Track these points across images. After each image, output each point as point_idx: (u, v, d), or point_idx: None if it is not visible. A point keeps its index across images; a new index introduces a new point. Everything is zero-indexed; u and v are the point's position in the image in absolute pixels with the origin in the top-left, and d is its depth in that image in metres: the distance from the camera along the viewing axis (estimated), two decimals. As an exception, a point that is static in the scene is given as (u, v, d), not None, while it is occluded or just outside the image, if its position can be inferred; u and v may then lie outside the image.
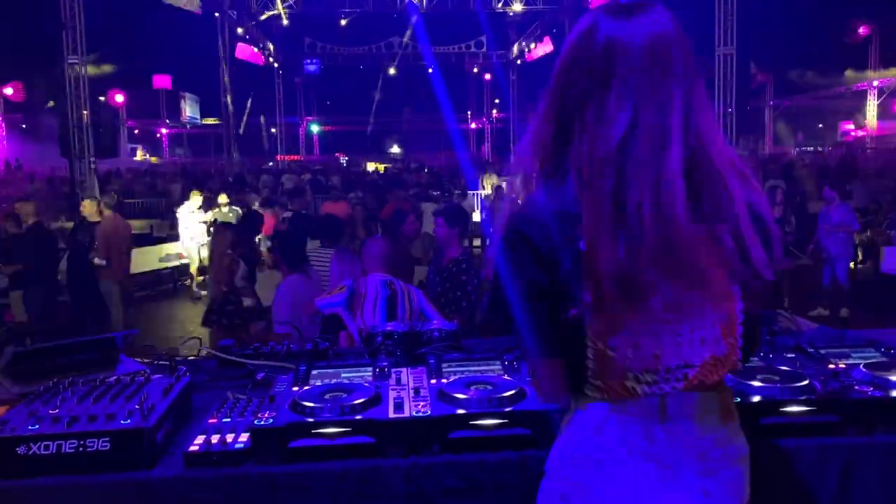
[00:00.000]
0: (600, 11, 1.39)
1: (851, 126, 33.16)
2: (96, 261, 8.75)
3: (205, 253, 12.70)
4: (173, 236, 14.54)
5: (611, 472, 1.42)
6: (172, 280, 13.49)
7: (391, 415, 1.83)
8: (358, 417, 1.82)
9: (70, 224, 10.98)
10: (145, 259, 12.32)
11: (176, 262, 13.26)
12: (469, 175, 19.63)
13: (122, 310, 8.62)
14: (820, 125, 37.57)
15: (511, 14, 26.40)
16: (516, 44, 30.45)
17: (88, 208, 9.85)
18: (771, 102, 34.93)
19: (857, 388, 1.92)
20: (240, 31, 25.66)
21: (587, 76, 1.36)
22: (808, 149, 34.89)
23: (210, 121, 36.00)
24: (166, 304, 12.20)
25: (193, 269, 12.52)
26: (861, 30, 27.03)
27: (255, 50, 28.53)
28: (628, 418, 1.42)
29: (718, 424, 1.45)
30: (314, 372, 2.22)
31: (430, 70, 28.59)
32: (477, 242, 12.93)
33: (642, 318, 1.36)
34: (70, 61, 13.78)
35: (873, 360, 2.14)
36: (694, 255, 1.32)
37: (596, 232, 1.30)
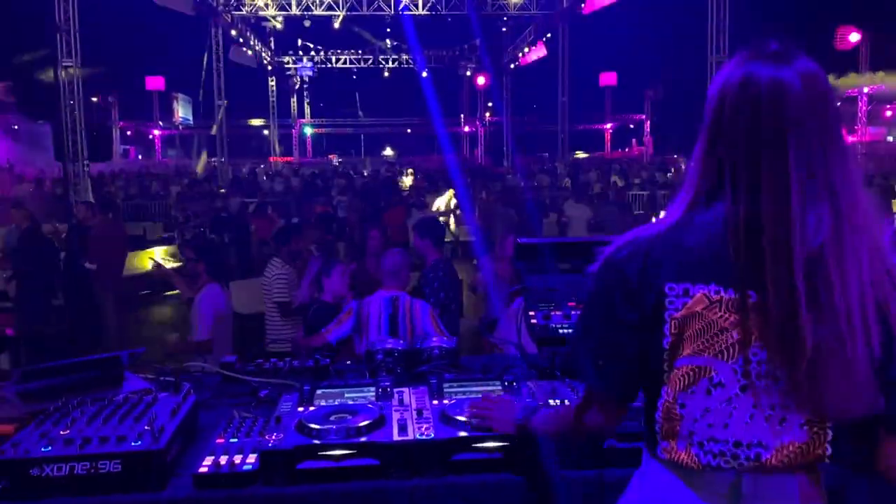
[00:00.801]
0: (746, 58, 1.31)
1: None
2: (87, 265, 8.75)
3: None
4: (167, 239, 14.58)
5: None
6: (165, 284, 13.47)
7: (395, 437, 1.88)
8: (363, 440, 1.87)
9: (61, 227, 10.91)
10: (140, 262, 12.32)
11: (170, 265, 13.25)
12: (458, 180, 19.72)
13: (115, 314, 8.62)
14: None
15: (505, 18, 26.53)
16: (510, 48, 30.56)
17: (84, 212, 9.86)
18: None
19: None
20: (233, 32, 25.66)
21: (752, 127, 1.27)
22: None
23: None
24: (160, 307, 12.20)
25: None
26: (851, 36, 27.24)
27: (249, 52, 28.53)
28: (694, 492, 1.33)
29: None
30: (318, 391, 2.26)
31: (424, 74, 28.64)
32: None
33: (723, 378, 1.29)
34: (64, 64, 13.75)
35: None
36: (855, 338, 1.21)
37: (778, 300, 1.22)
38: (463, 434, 1.90)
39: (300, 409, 2.10)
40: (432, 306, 4.61)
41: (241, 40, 27.11)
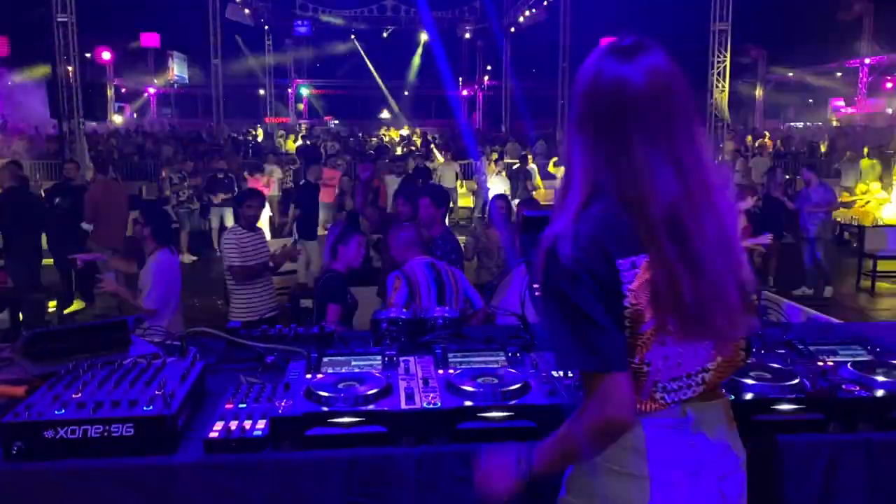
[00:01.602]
0: (603, 53, 1.49)
1: (842, 103, 33.26)
2: (84, 225, 8.70)
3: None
4: (163, 199, 14.50)
5: (649, 485, 1.47)
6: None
7: (403, 406, 1.92)
8: (371, 408, 1.91)
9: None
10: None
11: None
12: (470, 143, 19.63)
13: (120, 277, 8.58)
14: (811, 101, 37.62)
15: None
16: (510, 11, 30.14)
17: (73, 171, 9.72)
18: (763, 78, 34.94)
19: (844, 387, 2.03)
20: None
21: (606, 116, 1.45)
22: (798, 125, 34.99)
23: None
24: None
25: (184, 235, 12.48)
26: (855, 7, 26.97)
27: (246, 10, 28.08)
28: (657, 430, 1.48)
29: (728, 431, 1.55)
30: (325, 359, 2.30)
31: (426, 36, 28.26)
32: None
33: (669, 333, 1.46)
34: (59, 19, 13.54)
35: (860, 359, 2.25)
36: (725, 279, 1.46)
37: (658, 261, 1.41)
38: (469, 403, 1.94)
39: (308, 376, 2.14)
40: None
41: (237, -2, 26.66)
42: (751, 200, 7.76)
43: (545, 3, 25.74)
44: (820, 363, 2.23)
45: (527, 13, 27.59)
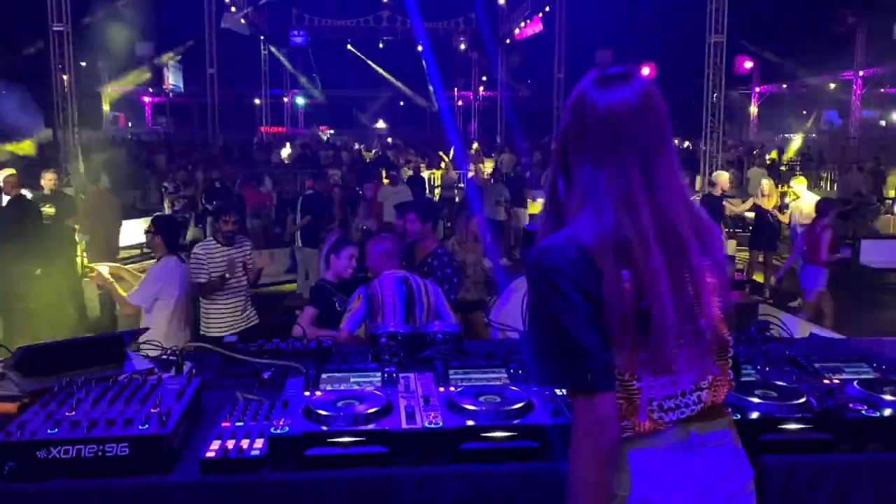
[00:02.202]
0: (589, 81, 1.56)
1: (835, 114, 33.41)
2: (78, 237, 8.64)
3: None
4: (157, 208, 14.43)
5: None
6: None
7: (404, 425, 1.88)
8: (371, 427, 1.87)
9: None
10: (131, 231, 12.24)
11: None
12: (458, 154, 19.62)
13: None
14: (804, 112, 37.82)
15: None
16: (506, 22, 30.26)
17: (50, 181, 9.60)
18: (756, 89, 35.09)
19: (851, 405, 2.00)
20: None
21: (582, 138, 1.53)
22: (792, 136, 35.12)
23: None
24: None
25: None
26: (849, 19, 27.12)
27: (242, 20, 28.10)
28: (661, 452, 1.47)
29: (734, 450, 1.54)
30: (324, 376, 2.26)
31: (420, 47, 28.34)
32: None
33: (664, 347, 1.44)
34: (55, 28, 13.51)
35: (866, 377, 2.22)
36: (705, 290, 1.48)
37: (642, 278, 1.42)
38: (471, 423, 1.90)
39: (306, 393, 2.10)
40: (445, 294, 4.58)
41: (233, 8, 26.68)
42: (832, 215, 7.78)
43: (541, 14, 25.83)
44: (826, 381, 2.20)
45: (522, 24, 27.70)
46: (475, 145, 16.83)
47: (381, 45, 34.72)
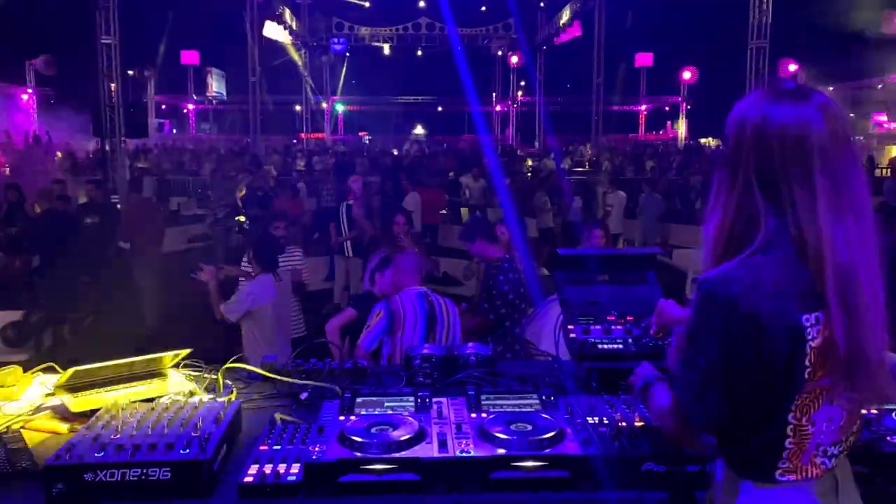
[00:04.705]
0: (765, 98, 1.43)
1: (884, 118, 32.58)
2: (120, 244, 8.88)
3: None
4: (201, 216, 14.73)
5: None
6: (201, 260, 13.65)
7: (436, 454, 1.91)
8: (404, 454, 1.91)
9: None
10: (174, 239, 12.50)
11: (203, 243, 13.45)
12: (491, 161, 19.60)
13: (153, 293, 8.71)
14: (852, 115, 36.95)
15: (541, -2, 26.20)
16: (544, 27, 30.21)
17: (93, 191, 9.84)
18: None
19: (889, 438, 1.97)
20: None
21: (777, 159, 1.39)
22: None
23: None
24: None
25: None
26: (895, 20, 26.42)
27: (283, 28, 28.55)
28: (815, 497, 1.45)
29: (854, 491, 1.54)
30: (358, 399, 2.30)
31: (455, 52, 28.44)
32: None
33: (842, 394, 1.42)
34: (103, 41, 13.91)
35: (905, 408, 2.18)
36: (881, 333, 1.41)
37: (834, 308, 1.35)
38: (501, 451, 1.92)
39: (341, 418, 2.14)
40: (494, 311, 4.57)
41: (275, 16, 27.13)
42: None
43: (579, 20, 25.75)
44: (862, 411, 2.17)
45: (560, 24, 27.58)
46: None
47: (419, 53, 34.91)
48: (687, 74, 33.15)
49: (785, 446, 1.42)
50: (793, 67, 28.33)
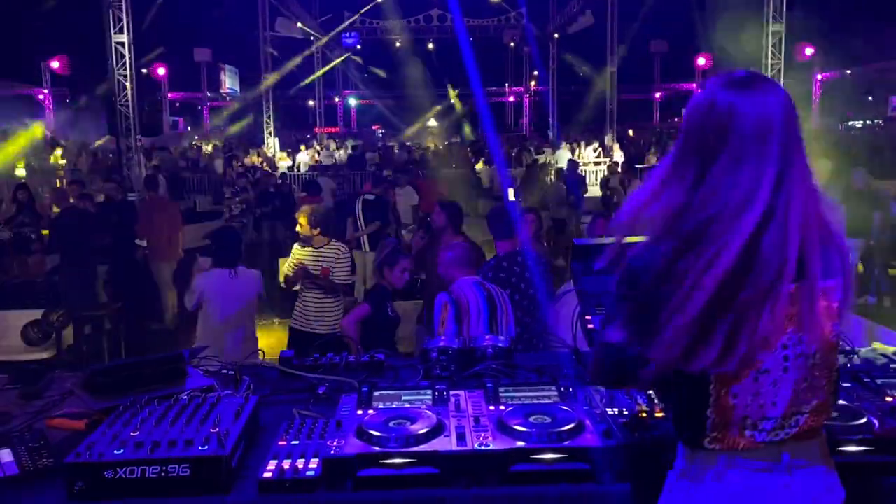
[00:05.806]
0: (717, 84, 1.50)
1: (904, 99, 32.09)
2: (137, 241, 8.92)
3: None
4: (217, 212, 14.78)
5: None
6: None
7: (454, 447, 1.90)
8: (422, 448, 1.90)
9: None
10: (190, 236, 12.55)
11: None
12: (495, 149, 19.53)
13: (174, 291, 8.74)
14: (870, 98, 36.40)
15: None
16: (557, 17, 30.01)
17: (111, 189, 9.89)
18: (819, 76, 33.97)
19: (915, 427, 1.94)
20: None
21: (708, 143, 1.47)
22: (857, 123, 33.94)
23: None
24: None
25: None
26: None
27: (295, 24, 28.56)
28: (749, 469, 1.48)
29: (827, 471, 1.54)
30: (376, 393, 2.30)
31: (463, 44, 28.29)
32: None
33: (769, 366, 1.45)
34: (116, 40, 13.95)
35: (932, 395, 2.15)
36: (817, 308, 1.45)
37: (737, 285, 1.39)
38: (521, 444, 1.91)
39: (359, 412, 2.14)
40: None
41: (286, 12, 27.14)
42: None
43: (591, 9, 25.54)
44: (889, 399, 2.14)
45: (573, 18, 27.40)
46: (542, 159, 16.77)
47: (430, 46, 34.81)
48: (702, 61, 32.81)
49: (707, 416, 1.48)
50: (809, 51, 27.99)
